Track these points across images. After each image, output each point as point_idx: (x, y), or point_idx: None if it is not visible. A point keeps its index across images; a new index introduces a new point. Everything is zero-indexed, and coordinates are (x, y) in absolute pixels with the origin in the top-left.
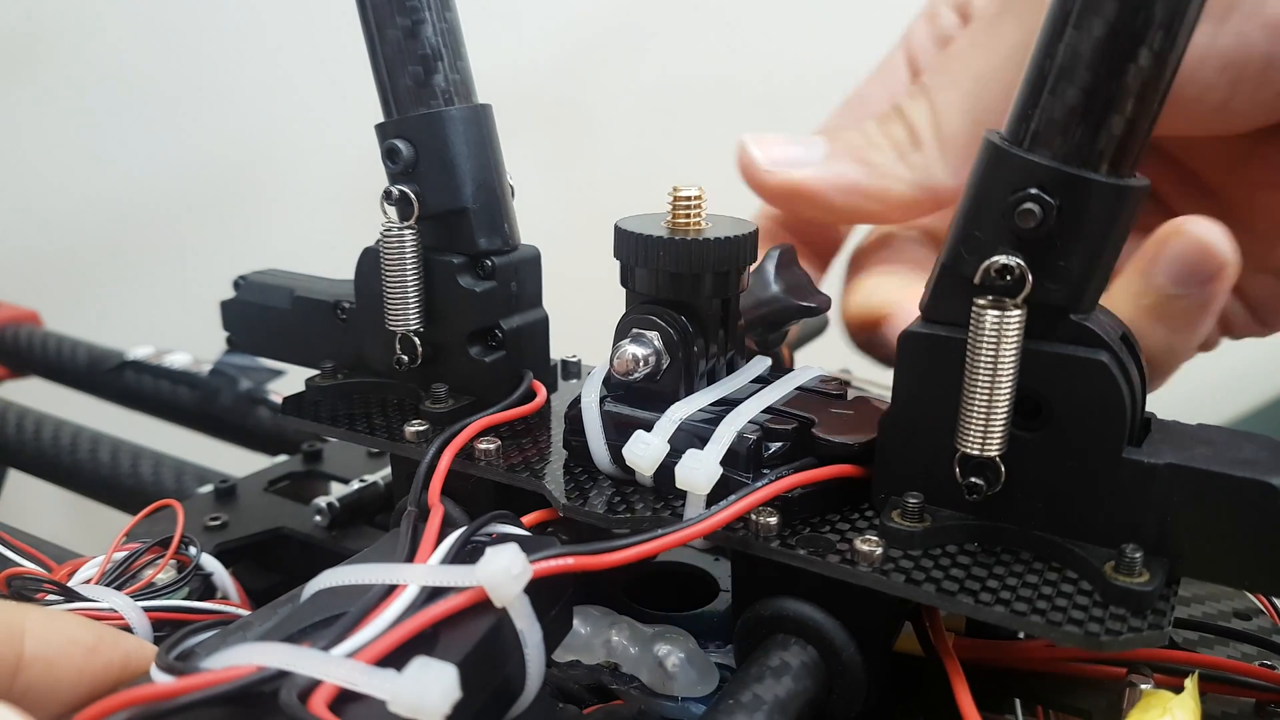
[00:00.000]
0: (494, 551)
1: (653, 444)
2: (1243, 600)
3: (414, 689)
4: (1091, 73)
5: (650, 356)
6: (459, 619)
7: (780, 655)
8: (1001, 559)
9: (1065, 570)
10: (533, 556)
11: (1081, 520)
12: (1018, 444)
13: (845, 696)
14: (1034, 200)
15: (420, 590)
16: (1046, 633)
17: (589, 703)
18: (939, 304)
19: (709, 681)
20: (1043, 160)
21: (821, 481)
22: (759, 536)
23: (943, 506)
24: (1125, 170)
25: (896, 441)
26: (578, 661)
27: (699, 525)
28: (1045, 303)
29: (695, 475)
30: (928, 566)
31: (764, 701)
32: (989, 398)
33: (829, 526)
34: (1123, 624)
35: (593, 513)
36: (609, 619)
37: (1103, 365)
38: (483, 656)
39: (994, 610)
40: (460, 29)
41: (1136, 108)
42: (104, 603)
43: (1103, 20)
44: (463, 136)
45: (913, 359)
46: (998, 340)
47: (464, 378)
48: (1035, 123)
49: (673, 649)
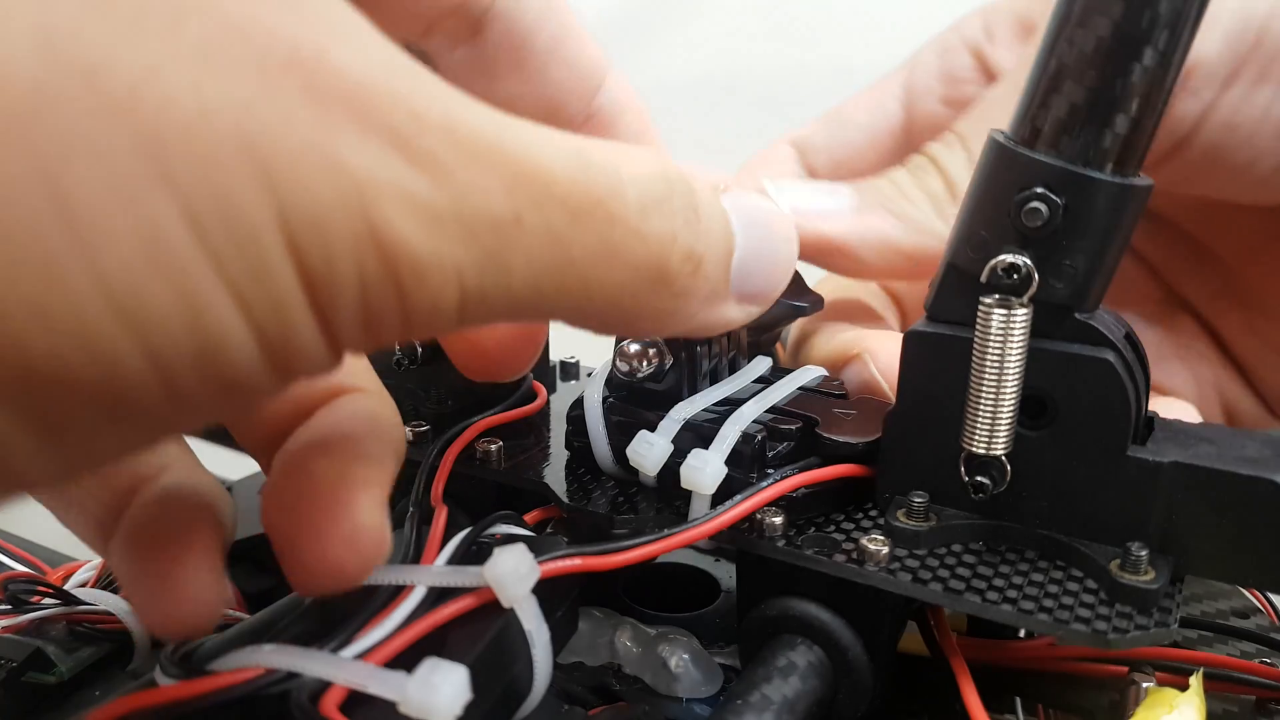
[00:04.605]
0: (502, 552)
1: (657, 444)
2: (1241, 598)
3: (424, 690)
4: (1096, 71)
5: (653, 356)
6: (467, 620)
7: (787, 655)
8: (1007, 558)
9: (1071, 569)
10: (540, 557)
11: (1087, 518)
12: (1023, 442)
13: (851, 696)
14: (1040, 199)
15: (428, 591)
16: (1054, 631)
17: (593, 704)
18: (944, 303)
19: (713, 682)
20: (1048, 159)
21: (826, 481)
22: (765, 536)
23: (948, 505)
24: (1130, 169)
25: (901, 441)
26: (581, 663)
27: (706, 525)
28: (1050, 301)
29: (700, 475)
30: (934, 565)
31: (772, 702)
32: (995, 396)
33: (834, 526)
34: (1129, 622)
35: (597, 513)
36: (612, 620)
37: (1107, 364)
38: (491, 657)
39: (1001, 609)
40: None
41: (1141, 106)
42: (100, 606)
43: (1107, 19)
44: None
45: (918, 358)
46: (1004, 339)
47: (464, 378)
48: (1040, 122)
49: (677, 650)
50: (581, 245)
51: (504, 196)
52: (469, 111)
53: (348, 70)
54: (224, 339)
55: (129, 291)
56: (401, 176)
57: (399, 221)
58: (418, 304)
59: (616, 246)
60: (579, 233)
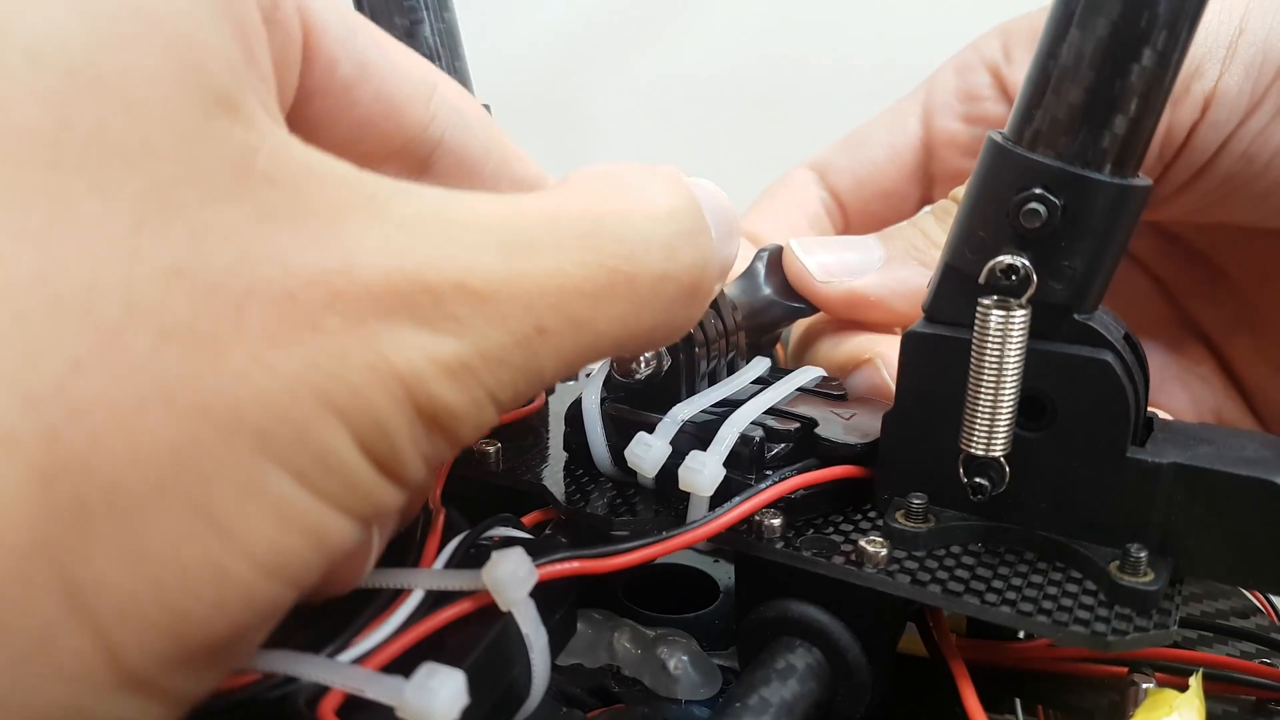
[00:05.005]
0: (500, 555)
1: (655, 445)
2: (1241, 598)
3: (421, 695)
4: (1095, 72)
5: (652, 358)
6: (464, 623)
7: (785, 657)
8: (1006, 559)
9: (1070, 570)
10: (538, 560)
11: (1086, 520)
12: (1022, 444)
13: (850, 698)
14: (1038, 200)
15: (426, 595)
16: (1053, 633)
17: (591, 706)
18: (942, 304)
19: (712, 684)
20: (1047, 160)
21: (825, 482)
22: (763, 538)
23: (947, 507)
24: (1129, 170)
25: (900, 442)
26: (580, 665)
27: (705, 527)
28: (1049, 302)
29: (698, 477)
30: (933, 567)
31: (771, 704)
32: (994, 398)
33: (833, 528)
34: (1129, 624)
35: (595, 515)
36: (610, 622)
37: (1107, 365)
38: (489, 661)
39: (1000, 611)
40: (458, 29)
41: (1140, 107)
42: None
43: (1106, 19)
44: None
45: (916, 359)
46: (1003, 340)
47: None
48: (1039, 122)
49: (675, 651)
50: (608, 317)
51: (524, 319)
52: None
53: (371, 276)
54: (341, 541)
55: (278, 556)
56: (427, 345)
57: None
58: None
59: (644, 297)
60: (603, 308)
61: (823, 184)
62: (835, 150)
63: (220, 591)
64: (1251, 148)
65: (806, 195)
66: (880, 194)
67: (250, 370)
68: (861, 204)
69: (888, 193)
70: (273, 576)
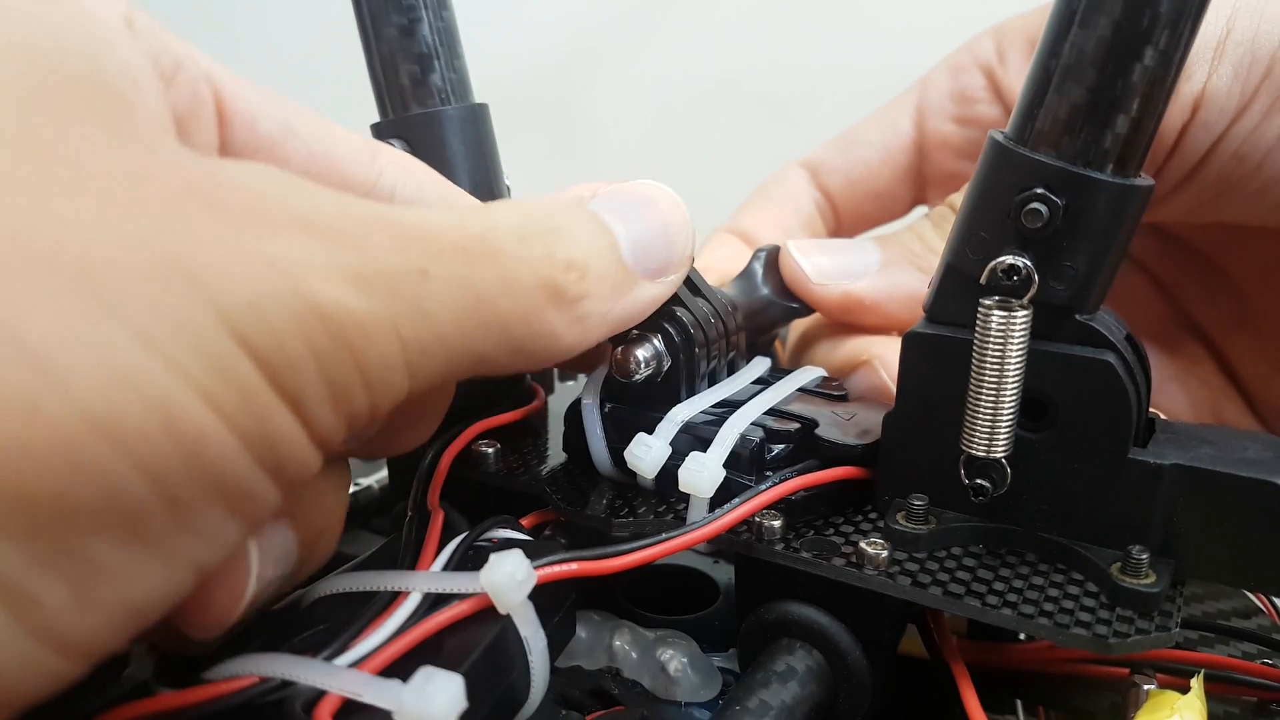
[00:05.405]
0: (498, 557)
1: (655, 446)
2: (1242, 599)
3: (419, 699)
4: (1097, 71)
5: (651, 358)
6: (462, 626)
7: (786, 660)
8: (1007, 561)
9: (1071, 572)
10: (537, 562)
11: (1087, 521)
12: (1023, 445)
13: (851, 700)
14: (1040, 200)
15: (424, 597)
16: (1054, 636)
17: (591, 708)
18: (943, 304)
19: (712, 686)
20: (1048, 159)
21: (825, 483)
22: (763, 540)
23: (948, 508)
24: (1131, 169)
25: (900, 443)
26: (579, 666)
27: (705, 528)
28: (1050, 303)
29: (698, 478)
30: (934, 569)
31: (771, 707)
32: (995, 398)
33: (833, 529)
34: (1130, 626)
35: (594, 516)
36: (610, 623)
37: (1108, 366)
38: (487, 664)
39: (1001, 613)
40: (457, 28)
41: (1142, 107)
42: None
43: (1108, 19)
44: (460, 136)
45: (917, 360)
46: (1004, 341)
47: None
48: (1041, 122)
49: (675, 653)
50: (482, 282)
51: (407, 254)
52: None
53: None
54: (203, 436)
55: (104, 409)
56: (320, 252)
57: (332, 289)
58: (372, 363)
59: (509, 276)
60: (476, 272)
61: (815, 183)
62: (828, 149)
63: (30, 430)
64: (1243, 147)
65: (799, 194)
66: (872, 194)
67: (83, 220)
68: (853, 204)
69: (879, 193)
70: (110, 442)
